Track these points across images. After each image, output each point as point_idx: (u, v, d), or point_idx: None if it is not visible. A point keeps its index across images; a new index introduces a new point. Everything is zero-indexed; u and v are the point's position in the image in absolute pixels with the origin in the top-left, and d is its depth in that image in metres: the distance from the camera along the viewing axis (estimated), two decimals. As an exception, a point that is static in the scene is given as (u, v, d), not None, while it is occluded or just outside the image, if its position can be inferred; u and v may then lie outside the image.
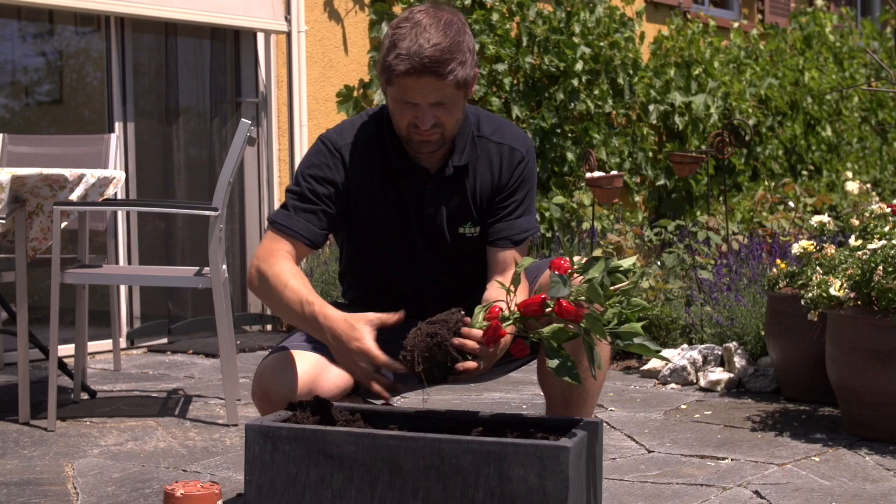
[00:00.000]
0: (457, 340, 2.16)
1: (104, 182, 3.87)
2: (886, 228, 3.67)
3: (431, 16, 2.38)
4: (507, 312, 2.20)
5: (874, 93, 10.09)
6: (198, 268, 3.92)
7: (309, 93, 6.19)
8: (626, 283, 2.14)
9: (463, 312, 2.22)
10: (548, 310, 2.13)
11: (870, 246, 3.50)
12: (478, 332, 2.18)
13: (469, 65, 2.39)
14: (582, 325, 2.10)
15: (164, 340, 5.62)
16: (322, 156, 2.51)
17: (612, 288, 2.13)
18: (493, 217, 2.56)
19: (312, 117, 6.21)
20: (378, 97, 6.33)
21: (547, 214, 6.72)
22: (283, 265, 2.40)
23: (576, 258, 2.22)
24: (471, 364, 2.18)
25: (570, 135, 7.07)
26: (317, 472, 2.05)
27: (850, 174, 8.99)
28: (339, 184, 2.50)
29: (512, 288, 2.22)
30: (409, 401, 3.25)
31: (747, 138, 7.86)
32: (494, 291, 2.45)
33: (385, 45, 2.39)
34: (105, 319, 4.88)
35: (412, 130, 2.42)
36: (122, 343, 5.35)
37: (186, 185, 5.78)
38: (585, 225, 6.55)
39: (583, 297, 2.11)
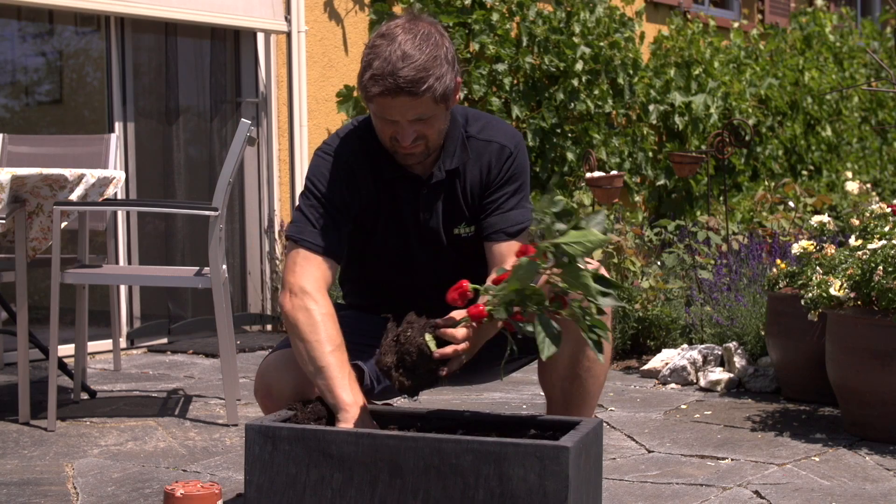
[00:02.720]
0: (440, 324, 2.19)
1: (104, 182, 3.87)
2: (886, 228, 3.67)
3: (407, 30, 2.34)
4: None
5: (874, 93, 10.09)
6: (198, 268, 3.92)
7: (309, 93, 6.19)
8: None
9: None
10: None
11: (870, 246, 3.50)
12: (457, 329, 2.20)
13: (447, 78, 2.34)
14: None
15: (164, 340, 5.62)
16: (332, 168, 2.49)
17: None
18: (485, 212, 2.54)
19: (312, 117, 6.20)
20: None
21: (547, 214, 6.72)
22: (318, 304, 2.36)
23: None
24: (448, 350, 2.18)
25: (570, 135, 7.07)
26: (317, 472, 2.05)
27: (850, 174, 8.98)
28: (349, 195, 2.49)
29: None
30: (408, 401, 3.25)
31: (747, 138, 7.86)
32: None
33: (362, 62, 2.35)
34: (105, 319, 4.88)
35: (395, 144, 2.41)
36: (122, 343, 5.35)
37: (186, 185, 5.78)
38: (585, 225, 6.54)
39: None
